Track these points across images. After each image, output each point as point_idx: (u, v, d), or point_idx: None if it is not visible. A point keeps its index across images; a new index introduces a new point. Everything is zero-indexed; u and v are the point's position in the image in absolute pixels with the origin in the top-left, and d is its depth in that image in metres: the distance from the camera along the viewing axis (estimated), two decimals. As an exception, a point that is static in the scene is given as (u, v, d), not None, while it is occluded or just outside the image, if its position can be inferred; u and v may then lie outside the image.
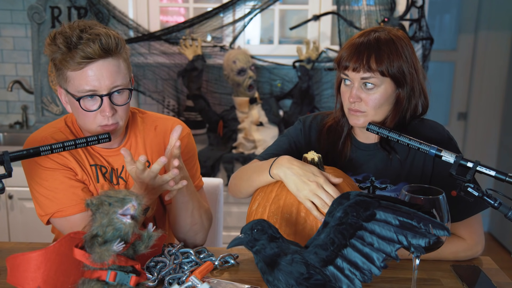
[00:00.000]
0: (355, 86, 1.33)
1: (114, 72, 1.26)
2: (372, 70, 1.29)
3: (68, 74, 1.26)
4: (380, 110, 1.34)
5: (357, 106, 1.34)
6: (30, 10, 2.87)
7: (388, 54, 1.30)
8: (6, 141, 3.13)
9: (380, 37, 1.32)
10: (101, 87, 1.25)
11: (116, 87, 1.27)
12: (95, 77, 1.24)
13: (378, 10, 2.84)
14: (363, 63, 1.29)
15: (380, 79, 1.31)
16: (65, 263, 1.02)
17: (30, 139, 1.37)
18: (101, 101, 1.26)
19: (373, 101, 1.32)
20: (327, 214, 1.01)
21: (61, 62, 1.25)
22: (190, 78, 2.90)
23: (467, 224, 1.35)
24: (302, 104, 2.91)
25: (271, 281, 0.99)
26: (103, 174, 1.39)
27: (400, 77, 1.32)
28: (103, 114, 1.27)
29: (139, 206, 1.00)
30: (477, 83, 3.87)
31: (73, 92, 1.27)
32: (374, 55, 1.29)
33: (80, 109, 1.27)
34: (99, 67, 1.24)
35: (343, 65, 1.34)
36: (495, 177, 1.05)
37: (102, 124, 1.29)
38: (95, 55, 1.23)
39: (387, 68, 1.29)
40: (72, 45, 1.23)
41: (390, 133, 1.19)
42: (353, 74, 1.32)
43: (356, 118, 1.36)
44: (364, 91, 1.33)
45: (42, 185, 1.33)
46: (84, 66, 1.23)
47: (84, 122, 1.31)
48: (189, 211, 1.39)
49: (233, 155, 2.77)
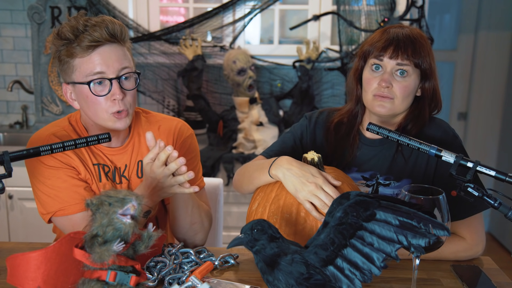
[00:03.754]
0: (387, 72, 1.37)
1: (121, 56, 1.29)
2: (409, 58, 1.34)
3: (76, 62, 1.27)
4: (406, 100, 1.38)
5: (388, 91, 1.37)
6: (30, 10, 2.87)
7: (423, 47, 1.36)
8: (6, 141, 3.13)
9: (413, 32, 1.38)
10: (109, 70, 1.27)
11: (124, 69, 1.30)
12: (103, 60, 1.26)
13: (378, 10, 2.84)
14: (401, 50, 1.34)
15: (413, 69, 1.36)
16: (65, 263, 1.02)
17: (34, 138, 1.37)
18: (110, 85, 1.28)
19: (403, 88, 1.36)
20: (327, 214, 1.01)
21: (68, 53, 1.26)
22: (190, 78, 2.90)
23: (468, 223, 1.35)
24: (302, 104, 2.91)
25: (271, 281, 0.99)
26: (105, 173, 1.39)
27: (428, 71, 1.37)
28: (113, 98, 1.28)
29: (139, 206, 1.00)
30: (477, 83, 3.87)
31: (81, 79, 1.27)
32: (411, 46, 1.35)
33: (90, 96, 1.28)
34: (107, 50, 1.27)
35: (377, 53, 1.37)
36: (495, 177, 1.05)
37: (113, 111, 1.30)
38: (102, 39, 1.25)
39: (421, 60, 1.36)
40: (79, 32, 1.25)
41: (390, 133, 1.19)
42: (388, 61, 1.36)
43: (382, 105, 1.38)
44: (395, 78, 1.37)
45: (45, 184, 1.33)
46: (92, 51, 1.25)
47: (95, 111, 1.30)
48: (189, 210, 1.39)
49: (233, 155, 2.77)
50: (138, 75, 1.34)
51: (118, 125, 1.32)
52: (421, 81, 1.39)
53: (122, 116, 1.31)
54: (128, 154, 1.42)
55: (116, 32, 1.28)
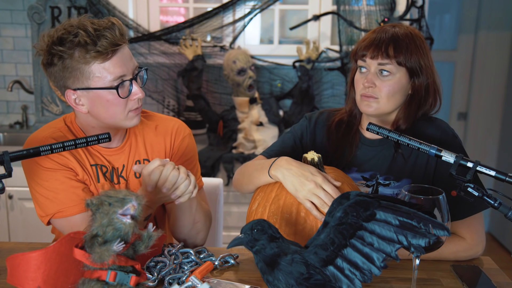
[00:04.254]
0: (371, 72, 1.37)
1: (131, 56, 1.31)
2: (390, 57, 1.34)
3: (93, 68, 1.24)
4: (392, 99, 1.37)
5: (371, 91, 1.37)
6: (30, 10, 2.87)
7: (407, 46, 1.35)
8: (6, 141, 3.13)
9: (399, 31, 1.37)
10: (128, 71, 1.28)
11: (137, 67, 1.31)
12: (123, 62, 1.27)
13: (378, 10, 2.84)
14: (381, 50, 1.34)
15: (396, 68, 1.35)
16: (65, 263, 1.02)
17: (30, 140, 1.37)
18: (130, 85, 1.28)
19: (387, 87, 1.36)
20: (327, 214, 1.01)
21: (81, 59, 1.22)
22: (190, 78, 2.90)
23: (468, 223, 1.35)
24: (302, 104, 2.91)
25: (271, 281, 0.99)
26: (103, 174, 1.39)
27: (416, 69, 1.36)
28: (135, 97, 1.30)
29: (139, 206, 1.00)
30: (477, 83, 3.87)
31: (103, 84, 1.25)
32: (393, 44, 1.34)
33: (111, 100, 1.27)
34: (123, 52, 1.27)
35: (361, 53, 1.38)
36: (495, 177, 1.05)
37: (133, 108, 1.31)
38: (119, 41, 1.25)
39: (404, 58, 1.34)
40: (94, 36, 1.22)
41: (390, 133, 1.19)
42: (370, 61, 1.36)
43: (368, 105, 1.39)
44: (379, 78, 1.36)
45: (43, 186, 1.33)
46: (112, 55, 1.24)
47: (113, 114, 1.30)
48: (193, 209, 1.39)
49: (233, 155, 2.77)
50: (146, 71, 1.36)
51: (135, 121, 1.34)
52: (410, 79, 1.38)
53: (139, 111, 1.34)
54: (125, 154, 1.42)
55: (125, 32, 1.29)
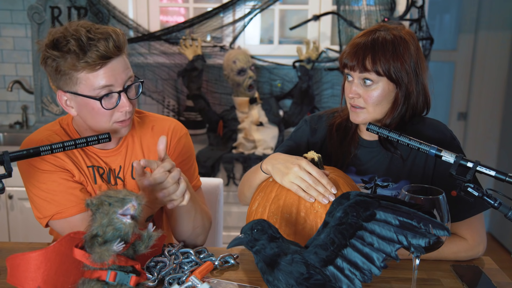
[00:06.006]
0: (355, 83, 1.36)
1: (125, 67, 1.28)
2: (367, 70, 1.33)
3: (80, 75, 1.23)
4: (379, 107, 1.37)
5: (357, 102, 1.37)
6: (30, 10, 2.87)
7: (383, 54, 1.32)
8: (6, 141, 3.13)
9: (379, 37, 1.34)
10: (117, 82, 1.26)
11: (129, 79, 1.29)
12: (111, 74, 1.24)
13: (378, 10, 2.84)
14: (359, 62, 1.33)
15: (376, 78, 1.33)
16: (65, 263, 1.02)
17: (26, 142, 1.36)
18: (118, 98, 1.27)
19: (371, 97, 1.35)
20: (327, 214, 1.01)
21: (72, 66, 1.21)
22: (190, 78, 2.90)
23: (468, 224, 1.35)
24: (302, 104, 2.91)
25: (271, 281, 0.99)
26: (100, 175, 1.39)
27: (396, 77, 1.33)
28: (122, 110, 1.28)
29: (139, 206, 1.00)
30: (477, 83, 3.87)
31: (88, 92, 1.24)
32: (370, 55, 1.32)
33: (96, 109, 1.26)
34: (114, 64, 1.24)
35: (343, 62, 1.38)
36: (495, 177, 1.05)
37: (119, 120, 1.29)
38: (111, 54, 1.23)
39: (382, 68, 1.32)
40: (85, 46, 1.20)
41: (390, 133, 1.19)
42: (351, 72, 1.36)
43: (356, 115, 1.39)
44: (363, 88, 1.36)
45: (40, 188, 1.32)
46: (102, 66, 1.22)
47: (97, 122, 1.29)
48: (192, 217, 1.39)
49: (233, 155, 2.77)
50: (141, 83, 1.33)
51: (122, 132, 1.33)
52: (396, 85, 1.35)
53: (126, 124, 1.32)
54: (122, 156, 1.42)
55: (121, 44, 1.25)
